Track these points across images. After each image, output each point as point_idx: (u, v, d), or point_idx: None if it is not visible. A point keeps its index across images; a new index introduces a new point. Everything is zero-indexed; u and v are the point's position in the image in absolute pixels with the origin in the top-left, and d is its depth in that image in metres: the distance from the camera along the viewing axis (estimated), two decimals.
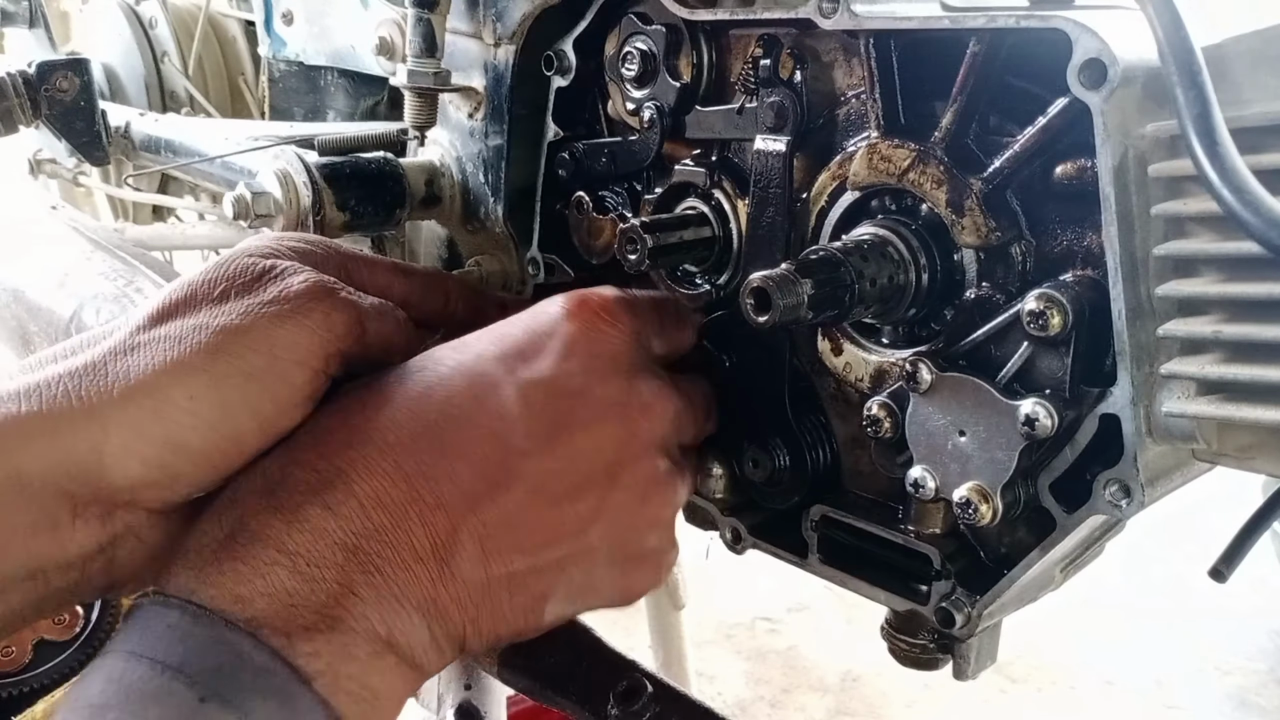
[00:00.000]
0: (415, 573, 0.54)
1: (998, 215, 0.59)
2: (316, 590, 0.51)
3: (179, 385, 0.55)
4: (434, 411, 0.57)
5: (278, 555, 0.51)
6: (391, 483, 0.54)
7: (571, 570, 0.59)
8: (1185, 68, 0.47)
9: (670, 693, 0.75)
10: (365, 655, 0.52)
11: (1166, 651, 2.82)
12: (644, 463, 0.62)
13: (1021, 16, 0.54)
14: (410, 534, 0.54)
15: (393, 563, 0.53)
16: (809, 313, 0.59)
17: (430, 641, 0.55)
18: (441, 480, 0.55)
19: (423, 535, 0.54)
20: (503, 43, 0.84)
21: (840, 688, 2.67)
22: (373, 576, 0.53)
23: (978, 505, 0.59)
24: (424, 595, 0.54)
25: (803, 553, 0.71)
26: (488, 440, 0.57)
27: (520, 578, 0.57)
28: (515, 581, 0.57)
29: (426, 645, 0.55)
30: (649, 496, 0.63)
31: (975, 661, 0.67)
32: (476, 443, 0.57)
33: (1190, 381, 0.53)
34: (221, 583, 0.51)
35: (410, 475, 0.55)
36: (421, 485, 0.55)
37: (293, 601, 0.50)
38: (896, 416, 0.63)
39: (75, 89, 1.32)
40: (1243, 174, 0.45)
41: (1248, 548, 0.82)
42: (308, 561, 0.52)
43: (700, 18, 0.71)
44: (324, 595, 0.51)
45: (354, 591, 0.52)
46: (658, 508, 0.64)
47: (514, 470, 0.57)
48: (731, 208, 0.74)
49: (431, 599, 0.54)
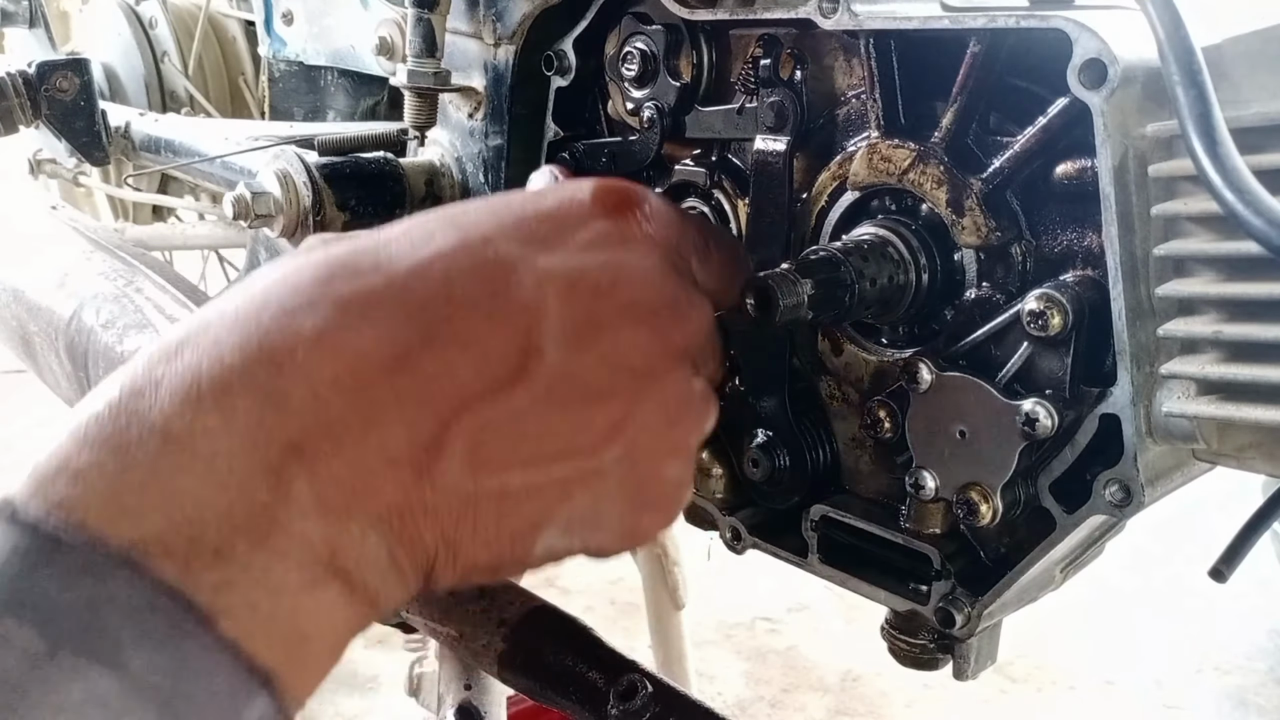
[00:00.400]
0: (382, 477, 0.43)
1: (998, 215, 0.59)
2: (237, 499, 0.40)
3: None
4: (432, 288, 0.47)
5: (182, 455, 0.39)
6: (364, 366, 0.44)
7: (577, 494, 0.49)
8: (1185, 68, 0.47)
9: (670, 692, 0.75)
10: (297, 584, 0.41)
11: (1166, 651, 2.82)
12: (675, 377, 0.52)
13: (1021, 16, 0.54)
14: (382, 430, 0.43)
15: (352, 463, 0.42)
16: (809, 313, 0.59)
17: (389, 565, 0.44)
18: (431, 370, 0.45)
19: (399, 433, 0.44)
20: (503, 43, 0.84)
21: (840, 688, 2.67)
22: (318, 478, 0.41)
23: (978, 505, 0.59)
24: (389, 504, 0.43)
25: (803, 553, 0.71)
26: (495, 330, 0.47)
27: (515, 495, 0.47)
28: (508, 499, 0.47)
29: (384, 570, 0.44)
30: (676, 417, 0.53)
31: (975, 661, 0.67)
32: (480, 332, 0.46)
33: (1190, 381, 0.53)
34: (98, 489, 0.39)
35: (389, 361, 0.44)
36: (403, 374, 0.44)
37: (199, 515, 0.39)
38: (896, 416, 0.63)
39: (75, 89, 1.33)
40: (1243, 174, 0.45)
41: (1248, 548, 0.82)
42: (228, 463, 0.40)
43: (700, 18, 0.71)
44: (246, 505, 0.40)
45: (289, 497, 0.41)
46: (684, 431, 0.54)
47: (524, 368, 0.47)
48: (731, 208, 0.74)
49: (399, 509, 0.44)
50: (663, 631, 1.80)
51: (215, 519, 0.39)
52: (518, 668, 0.80)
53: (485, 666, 0.83)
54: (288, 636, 0.41)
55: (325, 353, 0.43)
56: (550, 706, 0.79)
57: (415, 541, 0.45)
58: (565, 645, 0.79)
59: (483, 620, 0.83)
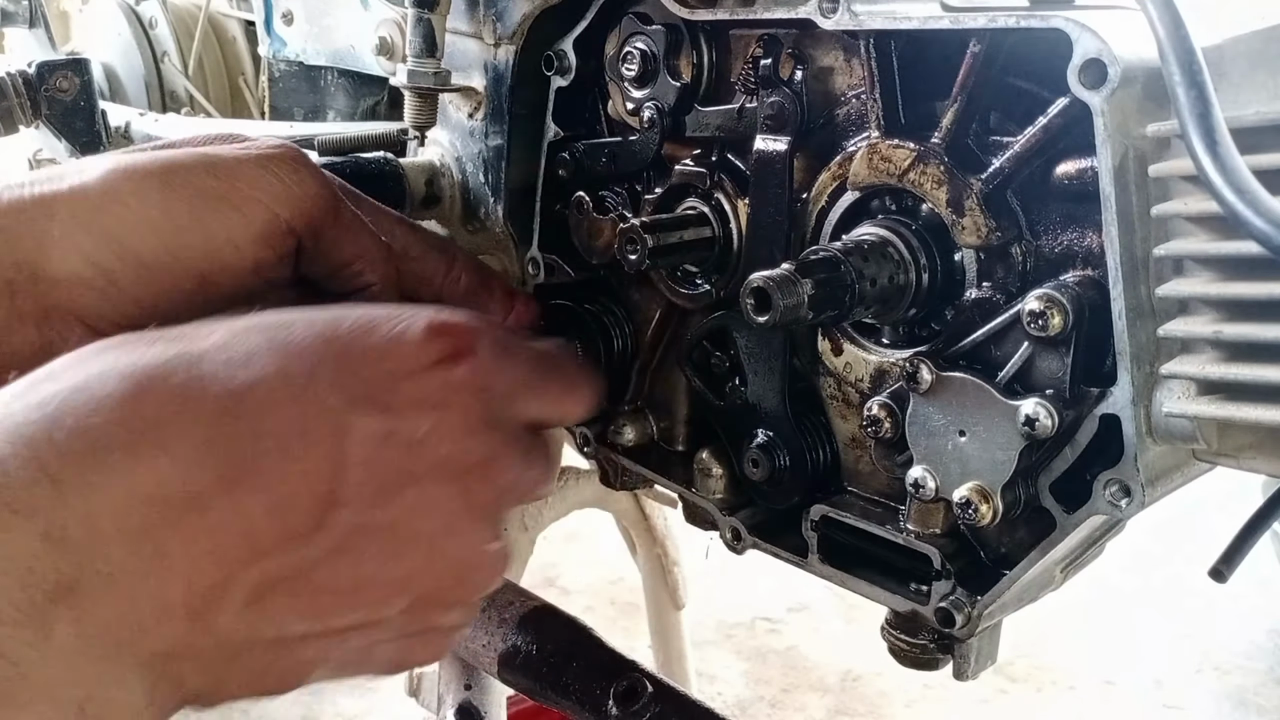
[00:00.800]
0: (153, 623, 0.42)
1: (998, 215, 0.59)
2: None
3: (129, 183, 0.55)
4: (241, 424, 0.45)
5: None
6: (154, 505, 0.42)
7: (353, 641, 0.50)
8: (1185, 68, 0.47)
9: (670, 692, 0.75)
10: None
11: (1166, 651, 2.82)
12: (473, 537, 0.52)
13: (1022, 16, 0.54)
14: (161, 577, 0.42)
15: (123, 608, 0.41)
16: (809, 313, 0.59)
17: (144, 706, 0.43)
18: (225, 516, 0.43)
19: (178, 581, 0.42)
20: (503, 43, 0.84)
21: (840, 688, 2.67)
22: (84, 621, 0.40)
23: (978, 505, 0.59)
24: (155, 651, 0.42)
25: (803, 553, 0.71)
26: (298, 479, 0.45)
27: (292, 643, 0.47)
28: (284, 646, 0.47)
29: (137, 710, 0.42)
30: (466, 575, 0.53)
31: (975, 661, 0.67)
32: (283, 479, 0.45)
33: (1190, 381, 0.53)
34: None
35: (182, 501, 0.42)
36: (194, 516, 0.43)
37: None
38: (896, 416, 0.63)
39: (75, 89, 1.32)
40: (1243, 174, 0.45)
41: (1248, 548, 0.82)
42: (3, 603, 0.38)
43: (700, 18, 0.71)
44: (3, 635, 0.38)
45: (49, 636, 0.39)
46: (471, 589, 0.54)
47: (321, 521, 0.46)
48: (731, 208, 0.74)
49: (165, 655, 0.42)
50: (663, 631, 1.79)
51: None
52: (518, 668, 0.80)
53: (485, 666, 0.83)
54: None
55: (115, 486, 0.41)
56: (550, 706, 0.79)
57: (177, 684, 0.44)
58: (565, 645, 0.79)
59: (483, 620, 0.83)
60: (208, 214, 0.56)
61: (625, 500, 1.62)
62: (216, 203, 0.56)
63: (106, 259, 0.54)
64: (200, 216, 0.56)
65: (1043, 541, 0.60)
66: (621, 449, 0.84)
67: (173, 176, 0.56)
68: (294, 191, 0.59)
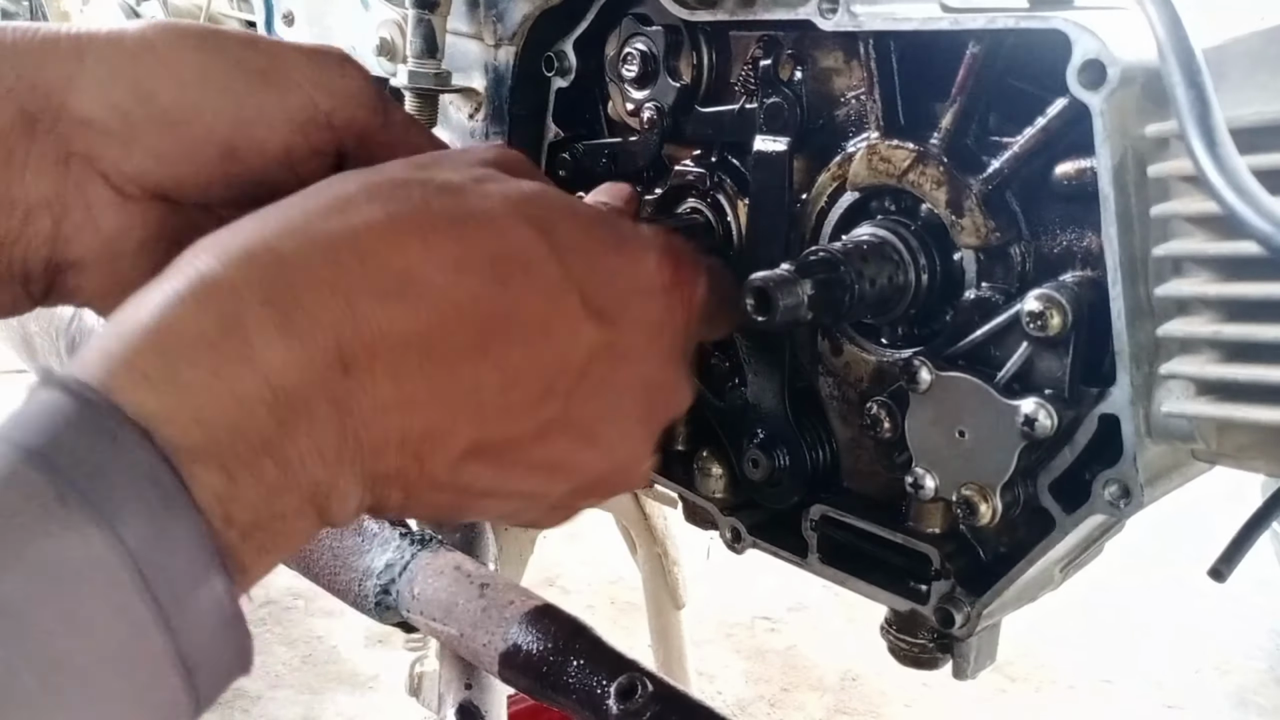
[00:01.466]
0: (386, 456, 0.47)
1: (997, 216, 0.60)
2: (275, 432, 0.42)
3: (165, 38, 0.55)
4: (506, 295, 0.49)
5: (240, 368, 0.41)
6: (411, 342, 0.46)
7: (517, 503, 0.56)
8: (1185, 68, 0.47)
9: (670, 691, 0.75)
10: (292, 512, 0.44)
11: (1166, 651, 2.82)
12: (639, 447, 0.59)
13: (1021, 17, 0.54)
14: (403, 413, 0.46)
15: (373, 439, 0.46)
16: (809, 313, 0.59)
17: (356, 508, 0.48)
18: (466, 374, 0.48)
19: (418, 423, 0.47)
20: (503, 44, 0.85)
21: (840, 687, 2.67)
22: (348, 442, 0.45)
23: (977, 505, 0.59)
24: (378, 473, 0.47)
25: (803, 553, 0.71)
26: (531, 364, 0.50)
27: (476, 493, 0.53)
28: (470, 494, 0.52)
29: (350, 512, 0.48)
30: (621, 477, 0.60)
31: (975, 661, 0.67)
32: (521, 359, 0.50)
33: (1189, 381, 0.53)
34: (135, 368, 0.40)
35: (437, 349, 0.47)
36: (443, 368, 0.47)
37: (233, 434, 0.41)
38: (896, 416, 0.63)
39: None
40: (1243, 174, 0.45)
41: (1247, 547, 0.82)
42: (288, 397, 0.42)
43: (700, 19, 0.71)
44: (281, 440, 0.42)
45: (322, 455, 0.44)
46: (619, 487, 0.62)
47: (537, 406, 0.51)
48: (731, 208, 0.74)
49: (384, 478, 0.47)
50: (663, 631, 1.79)
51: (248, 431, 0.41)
52: (518, 667, 0.80)
53: (485, 666, 0.84)
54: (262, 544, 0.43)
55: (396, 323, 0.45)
56: (550, 706, 0.79)
57: (383, 500, 0.49)
58: (565, 645, 0.79)
59: (483, 620, 0.83)
60: (242, 83, 0.55)
61: (625, 500, 1.62)
62: (253, 75, 0.56)
63: (133, 108, 0.54)
64: (233, 84, 0.55)
65: (1042, 541, 0.60)
66: None
67: (211, 42, 0.56)
68: (336, 84, 0.58)
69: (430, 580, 0.89)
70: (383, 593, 0.91)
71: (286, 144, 0.57)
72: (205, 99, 0.55)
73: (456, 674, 0.96)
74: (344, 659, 2.65)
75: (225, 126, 0.55)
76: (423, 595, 0.88)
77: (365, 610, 0.91)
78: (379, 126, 0.61)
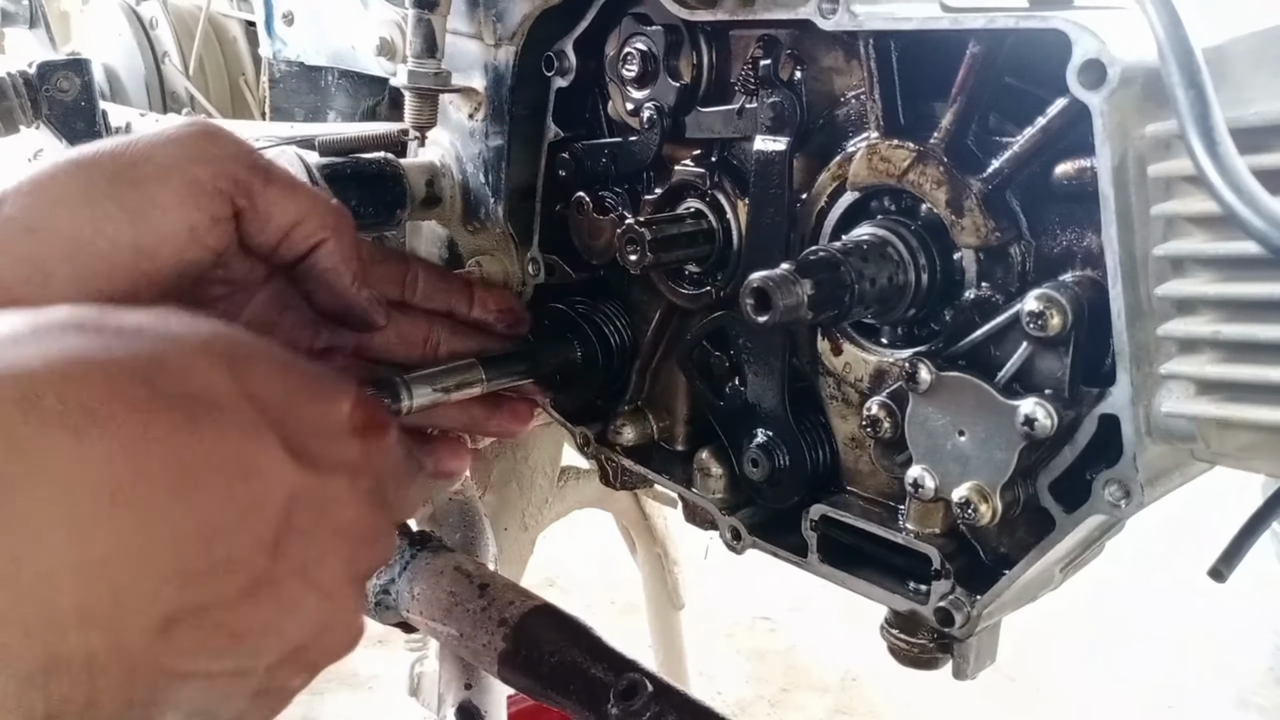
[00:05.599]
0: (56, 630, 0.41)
1: (997, 215, 0.60)
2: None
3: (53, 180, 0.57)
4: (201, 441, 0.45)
5: None
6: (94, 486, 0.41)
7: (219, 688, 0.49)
8: (1185, 68, 0.47)
9: (670, 692, 0.75)
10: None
11: (1166, 651, 2.82)
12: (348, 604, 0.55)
13: (1021, 17, 0.54)
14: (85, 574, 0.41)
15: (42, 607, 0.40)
16: (809, 313, 0.59)
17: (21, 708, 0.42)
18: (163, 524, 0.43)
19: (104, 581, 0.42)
20: (503, 43, 0.84)
21: (840, 687, 2.67)
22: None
23: (977, 505, 0.59)
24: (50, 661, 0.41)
25: (803, 552, 0.71)
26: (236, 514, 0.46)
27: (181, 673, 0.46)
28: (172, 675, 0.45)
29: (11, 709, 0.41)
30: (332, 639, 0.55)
31: (975, 661, 0.67)
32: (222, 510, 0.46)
33: (1189, 381, 0.53)
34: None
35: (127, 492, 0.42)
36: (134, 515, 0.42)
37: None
38: (896, 416, 0.63)
39: (76, 89, 1.33)
40: (1243, 174, 0.45)
41: (1247, 547, 0.82)
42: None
43: (700, 18, 0.71)
44: None
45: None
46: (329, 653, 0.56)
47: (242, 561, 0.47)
48: (731, 208, 0.74)
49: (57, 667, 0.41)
50: (663, 631, 1.80)
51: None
52: (518, 667, 0.80)
53: (485, 666, 0.83)
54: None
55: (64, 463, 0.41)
56: (550, 706, 0.79)
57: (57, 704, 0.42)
58: (565, 645, 0.79)
59: (483, 620, 0.83)
60: (125, 189, 0.58)
61: (625, 500, 1.62)
62: (133, 177, 0.58)
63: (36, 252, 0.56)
64: (118, 193, 0.58)
65: (1042, 541, 0.60)
66: (621, 449, 0.84)
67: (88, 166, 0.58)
68: (209, 152, 0.61)
69: (430, 580, 0.89)
70: (382, 593, 0.91)
71: (187, 224, 0.60)
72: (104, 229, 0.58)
73: (456, 674, 0.96)
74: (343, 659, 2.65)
75: (124, 232, 0.58)
76: (422, 595, 0.88)
77: (365, 610, 0.91)
78: (263, 183, 0.63)
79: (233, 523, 0.46)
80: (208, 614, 0.46)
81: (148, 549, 0.43)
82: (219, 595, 0.46)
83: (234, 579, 0.46)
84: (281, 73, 1.22)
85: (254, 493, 0.47)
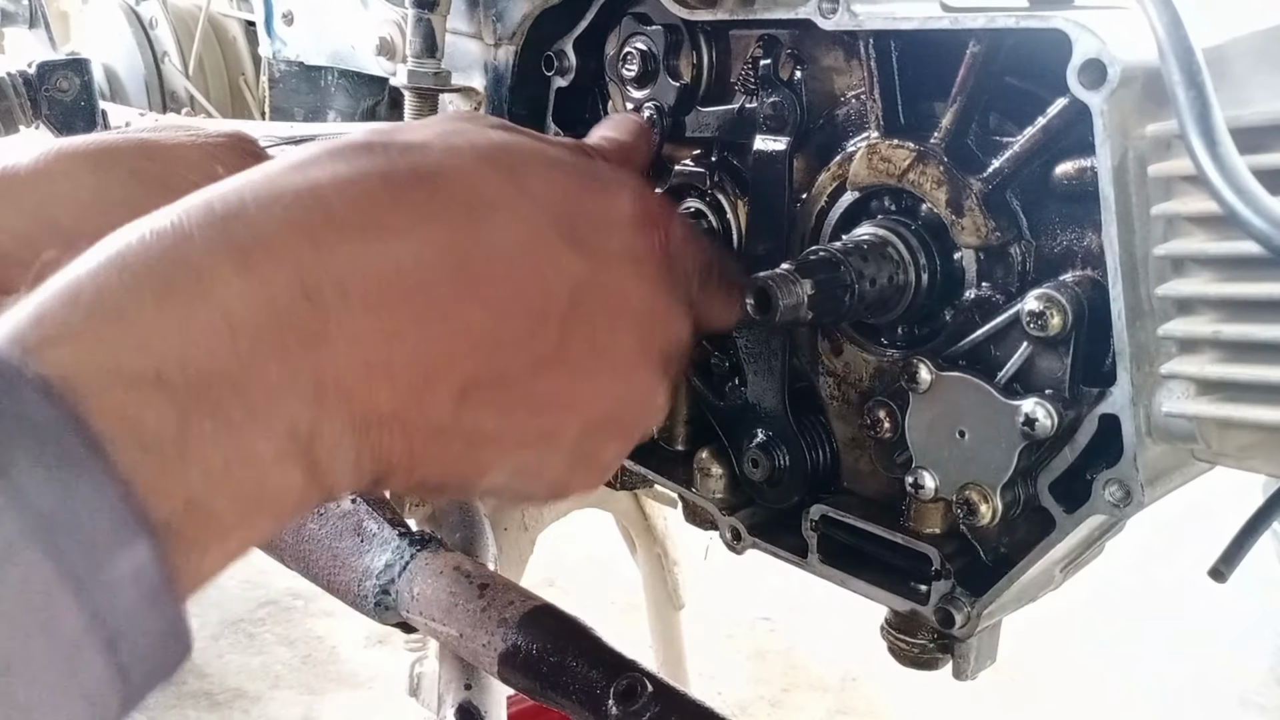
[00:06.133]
0: (377, 396, 0.44)
1: (997, 215, 0.60)
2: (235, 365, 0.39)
3: (60, 163, 0.56)
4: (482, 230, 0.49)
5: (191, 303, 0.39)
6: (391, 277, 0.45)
7: (533, 450, 0.53)
8: (1185, 68, 0.47)
9: (670, 692, 0.75)
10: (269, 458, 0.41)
11: (1167, 651, 2.82)
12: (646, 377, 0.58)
13: (1021, 17, 0.54)
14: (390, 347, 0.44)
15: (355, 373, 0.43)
16: (809, 313, 0.59)
17: (354, 464, 0.45)
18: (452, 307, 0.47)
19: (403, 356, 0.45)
20: (503, 43, 0.84)
21: (840, 687, 2.67)
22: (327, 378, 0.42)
23: (977, 505, 0.59)
24: (370, 414, 0.44)
25: (803, 553, 0.71)
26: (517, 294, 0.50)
27: (484, 437, 0.50)
28: (477, 438, 0.50)
29: (346, 467, 0.45)
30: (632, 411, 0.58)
31: (975, 661, 0.67)
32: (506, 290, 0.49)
33: (1190, 381, 0.53)
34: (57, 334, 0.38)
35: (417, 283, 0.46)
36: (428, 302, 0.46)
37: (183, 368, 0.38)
38: (896, 416, 0.63)
39: (75, 89, 1.33)
40: (1243, 174, 0.45)
41: (1247, 547, 0.82)
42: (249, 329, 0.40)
43: (700, 18, 0.71)
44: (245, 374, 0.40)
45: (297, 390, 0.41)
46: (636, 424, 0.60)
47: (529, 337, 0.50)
48: (731, 208, 0.74)
49: (377, 421, 0.45)
50: (662, 631, 1.80)
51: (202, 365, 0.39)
52: (518, 667, 0.80)
53: (485, 666, 0.83)
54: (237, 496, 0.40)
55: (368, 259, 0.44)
56: (550, 706, 0.79)
57: (382, 453, 0.46)
58: (565, 645, 0.79)
59: (483, 620, 0.83)
60: (139, 194, 0.56)
61: (625, 500, 1.62)
62: (150, 183, 0.57)
63: (38, 235, 0.55)
64: (131, 196, 0.56)
65: (1042, 541, 0.60)
66: None
67: (105, 158, 0.57)
68: (234, 161, 0.60)
69: (430, 580, 0.89)
70: (382, 593, 0.91)
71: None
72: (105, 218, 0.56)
73: (456, 674, 0.96)
74: (344, 659, 2.65)
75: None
76: (422, 595, 0.88)
77: (364, 611, 0.90)
78: None
79: (517, 307, 0.50)
80: (503, 384, 0.50)
81: (437, 330, 0.46)
82: (511, 368, 0.50)
83: (524, 354, 0.50)
84: (281, 72, 1.22)
85: (537, 280, 0.51)
